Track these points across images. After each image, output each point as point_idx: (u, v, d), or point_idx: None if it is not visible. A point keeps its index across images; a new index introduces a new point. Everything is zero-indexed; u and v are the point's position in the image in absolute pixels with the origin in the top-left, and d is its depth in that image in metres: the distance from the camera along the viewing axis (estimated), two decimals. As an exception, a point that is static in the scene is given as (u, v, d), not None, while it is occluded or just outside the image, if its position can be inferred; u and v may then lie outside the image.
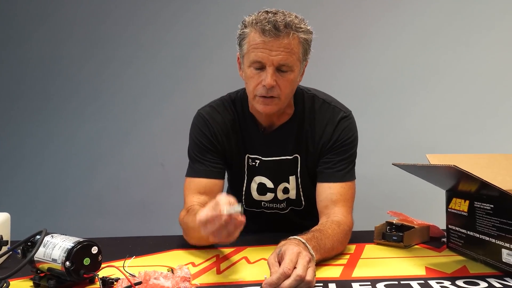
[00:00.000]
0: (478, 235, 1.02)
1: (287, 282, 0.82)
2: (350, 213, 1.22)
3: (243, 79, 1.22)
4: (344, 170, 1.23)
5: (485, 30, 2.29)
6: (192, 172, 1.28)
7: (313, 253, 0.94)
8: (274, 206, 1.37)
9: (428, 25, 2.37)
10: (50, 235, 0.94)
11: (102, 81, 2.82)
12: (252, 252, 1.16)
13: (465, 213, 1.07)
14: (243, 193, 1.35)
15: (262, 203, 1.37)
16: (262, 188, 1.34)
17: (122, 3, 2.79)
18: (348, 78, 2.46)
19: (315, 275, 0.88)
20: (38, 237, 0.93)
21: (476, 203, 1.03)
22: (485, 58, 2.29)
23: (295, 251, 0.88)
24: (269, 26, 1.08)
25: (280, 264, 0.88)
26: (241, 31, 1.16)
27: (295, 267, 0.85)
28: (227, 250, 1.17)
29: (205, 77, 2.59)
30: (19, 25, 2.89)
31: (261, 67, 1.13)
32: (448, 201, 1.15)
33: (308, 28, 1.16)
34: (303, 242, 0.96)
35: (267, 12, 1.12)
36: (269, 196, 1.34)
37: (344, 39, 2.47)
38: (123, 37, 2.78)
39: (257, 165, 1.30)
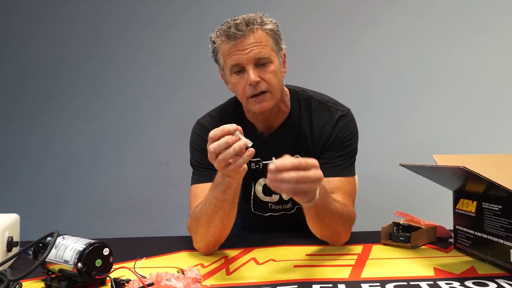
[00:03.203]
0: (486, 236, 1.02)
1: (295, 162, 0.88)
2: (351, 205, 1.21)
3: (232, 92, 1.24)
4: (342, 165, 1.23)
5: (489, 30, 2.29)
6: (197, 178, 1.27)
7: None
8: (281, 207, 1.37)
9: (432, 25, 2.37)
10: (61, 236, 0.95)
11: (105, 81, 2.82)
12: (260, 253, 1.16)
13: (472, 214, 1.07)
14: (252, 196, 1.36)
15: (269, 204, 1.37)
16: (267, 190, 1.34)
17: (124, 3, 2.79)
18: (351, 78, 2.46)
19: (319, 181, 0.92)
20: (49, 238, 0.94)
21: (484, 204, 1.03)
22: (489, 58, 2.29)
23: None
24: (232, 30, 1.12)
25: None
26: (212, 47, 1.20)
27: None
28: (235, 252, 1.18)
29: (208, 76, 2.56)
30: (21, 26, 2.89)
31: (241, 69, 1.15)
32: (456, 202, 1.15)
33: (271, 20, 1.19)
34: None
35: (228, 21, 1.17)
36: (275, 197, 1.35)
37: (347, 38, 2.47)
38: (125, 37, 2.78)
39: (260, 168, 1.31)
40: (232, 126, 0.96)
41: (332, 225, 1.11)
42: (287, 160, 0.89)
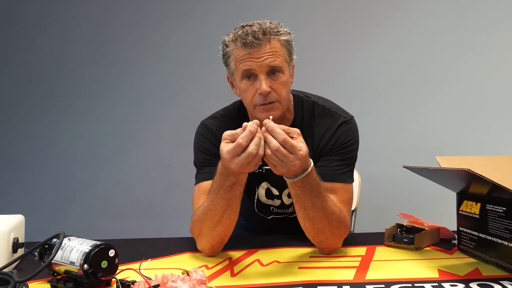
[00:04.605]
0: (490, 238, 1.02)
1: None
2: (346, 213, 1.18)
3: (238, 96, 1.24)
4: (339, 171, 1.21)
5: (493, 31, 2.29)
6: (201, 177, 1.26)
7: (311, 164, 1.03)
8: (282, 211, 1.37)
9: (435, 26, 2.38)
10: (67, 238, 0.95)
11: (109, 82, 2.83)
12: (264, 255, 1.16)
13: (476, 216, 1.07)
14: (255, 199, 1.36)
15: (271, 207, 1.37)
16: (269, 193, 1.35)
17: (129, 4, 2.80)
18: (356, 80, 2.46)
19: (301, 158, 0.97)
20: (55, 240, 0.95)
21: (488, 205, 1.03)
22: (492, 59, 2.29)
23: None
24: (249, 38, 1.12)
25: None
26: (224, 51, 1.19)
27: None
28: (239, 253, 1.18)
29: (212, 77, 2.58)
30: (26, 27, 2.90)
31: (252, 76, 1.15)
32: (459, 204, 1.15)
33: (286, 30, 1.19)
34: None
35: (243, 26, 1.16)
36: (277, 202, 1.35)
37: (351, 39, 2.47)
38: (130, 38, 2.79)
39: (264, 172, 1.31)
40: (256, 121, 0.97)
41: (315, 221, 1.08)
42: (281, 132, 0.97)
